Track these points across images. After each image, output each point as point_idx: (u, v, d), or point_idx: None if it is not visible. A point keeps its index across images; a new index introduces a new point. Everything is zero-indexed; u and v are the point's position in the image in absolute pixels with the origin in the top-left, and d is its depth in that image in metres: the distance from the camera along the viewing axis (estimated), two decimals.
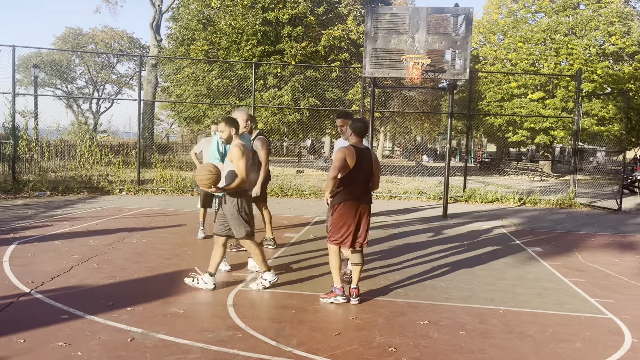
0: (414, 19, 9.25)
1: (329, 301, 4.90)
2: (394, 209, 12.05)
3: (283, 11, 19.01)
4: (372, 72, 9.61)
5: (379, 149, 50.77)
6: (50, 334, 3.93)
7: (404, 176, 20.97)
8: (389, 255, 7.12)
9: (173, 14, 24.73)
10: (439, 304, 4.99)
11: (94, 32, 39.71)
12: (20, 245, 6.89)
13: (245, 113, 5.77)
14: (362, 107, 14.72)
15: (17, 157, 13.40)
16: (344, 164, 4.77)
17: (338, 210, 4.89)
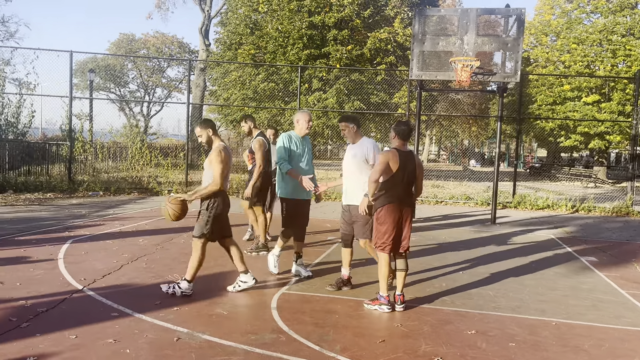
0: (463, 20, 9.06)
1: (372, 308, 4.83)
2: (440, 214, 11.84)
3: (329, 14, 19.04)
4: (419, 74, 9.47)
5: (424, 153, 50.14)
6: (100, 330, 4.04)
7: (451, 181, 20.59)
8: (435, 262, 6.98)
9: (221, 19, 25.20)
10: (486, 314, 4.84)
11: (146, 38, 40.98)
12: (74, 244, 7.14)
13: (307, 114, 5.81)
14: (407, 111, 14.55)
15: (72, 158, 13.94)
16: (387, 167, 4.71)
17: (381, 214, 4.83)
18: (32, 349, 3.65)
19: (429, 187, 17.59)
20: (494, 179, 10.77)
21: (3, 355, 3.52)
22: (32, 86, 14.50)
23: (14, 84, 15.84)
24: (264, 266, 6.09)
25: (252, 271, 5.30)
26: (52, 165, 14.60)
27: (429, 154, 53.87)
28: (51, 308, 4.50)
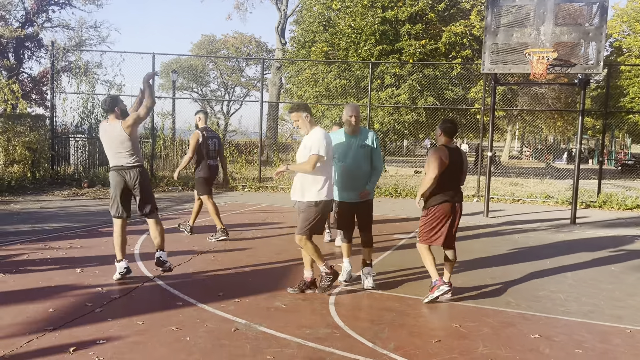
0: (540, 9, 8.61)
1: (434, 296, 4.79)
2: (516, 212, 11.36)
3: (402, 9, 18.78)
4: (491, 68, 9.13)
5: (505, 149, 48.24)
6: (165, 318, 4.26)
7: (531, 178, 19.67)
8: (503, 261, 6.72)
9: (297, 17, 25.57)
10: (554, 317, 4.61)
11: (226, 38, 42.39)
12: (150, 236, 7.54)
13: (348, 108, 5.28)
14: (483, 106, 14.07)
15: (154, 155, 14.72)
16: (442, 163, 4.71)
17: (434, 212, 4.90)
18: (102, 332, 3.91)
19: (507, 185, 16.93)
20: (575, 175, 10.18)
21: (76, 337, 3.81)
22: (119, 87, 15.46)
23: (104, 85, 16.92)
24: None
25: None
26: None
27: (510, 151, 51.76)
28: (123, 295, 4.80)
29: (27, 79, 20.93)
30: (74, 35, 23.38)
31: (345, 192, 5.27)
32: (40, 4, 21.23)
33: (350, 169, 5.20)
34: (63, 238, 7.19)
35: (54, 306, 4.43)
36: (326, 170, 4.93)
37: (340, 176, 5.26)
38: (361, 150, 5.18)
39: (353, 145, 5.19)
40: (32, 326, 3.98)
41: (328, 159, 4.91)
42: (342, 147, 5.20)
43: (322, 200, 4.88)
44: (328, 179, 4.94)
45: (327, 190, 4.91)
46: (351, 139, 5.22)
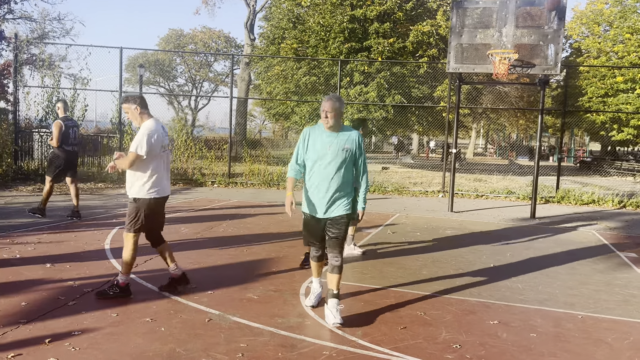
0: (502, 12, 8.96)
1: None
2: (479, 207, 11.75)
3: (371, 8, 19.04)
4: (456, 67, 9.44)
5: (470, 146, 49.30)
6: (139, 310, 4.34)
7: (494, 175, 20.26)
8: (467, 254, 7.01)
9: (266, 13, 25.58)
10: (512, 305, 4.88)
11: (194, 33, 41.98)
12: (121, 230, 7.56)
13: (326, 101, 4.28)
14: (449, 104, 14.44)
15: (122, 149, 14.57)
16: None
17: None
18: (77, 324, 3.98)
19: (471, 180, 17.41)
20: (535, 172, 10.60)
21: (51, 329, 3.87)
22: (85, 81, 15.23)
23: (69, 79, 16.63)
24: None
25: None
26: (104, 157, 15.31)
27: (475, 148, 52.91)
28: (96, 289, 4.85)
29: None
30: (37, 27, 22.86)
31: (316, 205, 4.32)
32: None
33: (327, 176, 4.25)
34: (31, 233, 7.14)
35: (26, 300, 4.46)
36: (151, 167, 4.63)
37: (313, 183, 4.34)
38: (342, 153, 4.23)
39: (333, 146, 4.24)
40: (5, 319, 4.01)
41: (153, 154, 4.61)
42: (319, 146, 4.27)
43: (142, 197, 4.64)
44: (154, 175, 4.64)
45: (151, 187, 4.64)
46: (331, 137, 4.26)
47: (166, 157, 4.84)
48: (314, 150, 4.31)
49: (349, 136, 4.30)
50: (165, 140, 4.78)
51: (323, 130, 4.32)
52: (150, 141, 4.56)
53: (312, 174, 4.34)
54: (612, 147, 34.27)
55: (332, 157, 4.24)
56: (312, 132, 4.39)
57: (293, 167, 4.48)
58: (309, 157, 4.35)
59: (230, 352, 3.61)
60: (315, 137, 4.33)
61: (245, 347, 3.70)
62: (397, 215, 10.21)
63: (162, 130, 4.77)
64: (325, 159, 4.26)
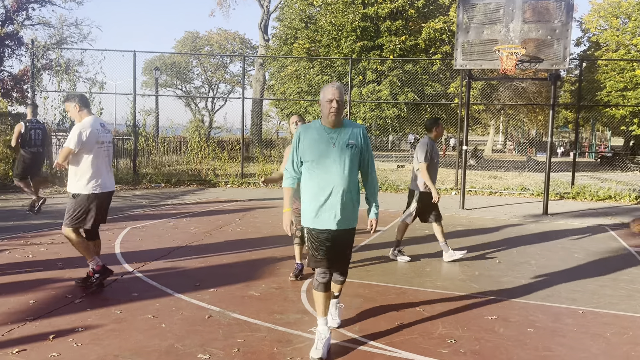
0: (509, 7, 8.90)
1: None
2: (492, 204, 11.68)
3: (383, 5, 19.02)
4: (463, 64, 9.40)
5: (488, 143, 48.81)
6: (142, 307, 4.45)
7: (511, 172, 20.07)
8: (473, 250, 7.00)
9: (279, 14, 25.71)
10: (513, 301, 4.88)
11: (210, 35, 42.35)
12: (132, 230, 7.72)
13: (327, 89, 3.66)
14: (460, 101, 14.37)
15: (137, 152, 14.81)
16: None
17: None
18: (81, 321, 4.10)
19: (486, 178, 17.28)
20: (546, 168, 10.51)
21: (56, 326, 3.99)
22: (101, 85, 15.50)
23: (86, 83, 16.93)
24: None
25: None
26: (120, 159, 15.58)
27: (494, 145, 52.37)
28: (102, 287, 4.98)
29: (8, 77, 20.84)
30: (55, 33, 23.33)
31: (321, 216, 3.62)
32: (20, 2, 21.12)
33: (331, 179, 3.58)
34: (44, 234, 7.33)
35: (34, 298, 4.60)
36: (88, 163, 4.82)
37: (312, 190, 3.64)
38: (347, 151, 3.59)
39: (335, 143, 3.60)
40: (13, 316, 4.15)
41: (86, 150, 4.80)
42: (317, 145, 3.61)
43: (81, 193, 4.84)
44: (92, 171, 4.83)
45: (88, 183, 4.83)
46: (331, 134, 3.62)
47: (106, 153, 5.00)
48: (312, 149, 3.60)
49: (352, 130, 3.66)
50: (102, 136, 4.94)
51: (320, 126, 3.64)
52: (80, 136, 4.75)
53: (312, 178, 3.63)
54: (637, 142, 33.65)
55: (335, 155, 3.56)
56: (307, 131, 3.67)
57: (289, 174, 3.76)
58: (306, 158, 3.63)
59: (226, 347, 3.69)
60: (312, 136, 3.62)
61: (242, 342, 3.78)
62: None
63: (100, 127, 4.95)
64: (326, 159, 3.56)
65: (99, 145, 4.90)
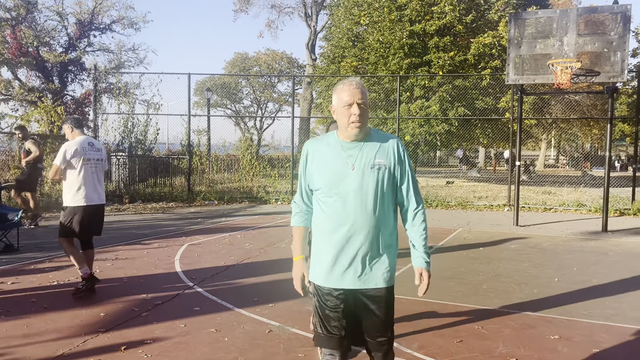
0: (562, 21, 8.77)
1: None
2: (547, 221, 11.38)
3: (430, 22, 19.02)
4: (515, 79, 9.30)
5: (540, 157, 47.51)
6: (205, 321, 4.62)
7: (565, 187, 19.49)
8: (531, 269, 6.86)
9: (326, 34, 26.09)
10: (575, 320, 4.76)
11: (258, 55, 43.37)
12: (190, 247, 7.98)
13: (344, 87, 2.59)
14: (512, 115, 14.14)
15: (191, 170, 15.30)
16: None
17: None
18: (149, 334, 4.29)
19: (539, 193, 16.86)
20: (605, 183, 10.18)
21: (126, 337, 4.20)
22: (157, 106, 16.17)
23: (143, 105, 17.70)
24: None
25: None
26: (175, 177, 16.12)
27: (546, 159, 50.91)
28: (167, 301, 5.19)
29: (71, 101, 22.00)
30: (114, 58, 24.51)
31: (335, 269, 2.56)
32: (82, 30, 22.35)
33: (349, 216, 2.53)
34: (109, 250, 7.68)
35: (105, 311, 4.85)
36: (76, 178, 5.33)
37: (324, 231, 2.61)
38: (372, 174, 2.54)
39: (355, 164, 2.55)
40: (87, 328, 4.40)
41: (73, 166, 5.31)
42: (329, 167, 2.58)
43: (70, 205, 5.34)
44: (80, 185, 5.33)
45: (76, 196, 5.33)
46: (350, 150, 2.57)
47: (94, 169, 5.46)
48: (322, 172, 2.58)
49: (381, 145, 2.58)
50: (89, 154, 5.42)
51: (336, 141, 2.61)
52: (65, 154, 5.29)
53: (323, 214, 2.59)
54: None
55: (355, 181, 2.51)
56: (317, 148, 2.65)
57: (298, 207, 2.77)
58: (315, 185, 2.63)
59: None
60: (324, 154, 2.60)
61: (303, 357, 3.86)
62: (459, 230, 10.09)
63: (87, 146, 5.45)
64: (342, 186, 2.52)
65: (85, 162, 5.38)
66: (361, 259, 2.54)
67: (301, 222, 2.77)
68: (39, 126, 15.58)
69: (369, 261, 2.55)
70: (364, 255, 2.54)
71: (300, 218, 2.77)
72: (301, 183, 2.73)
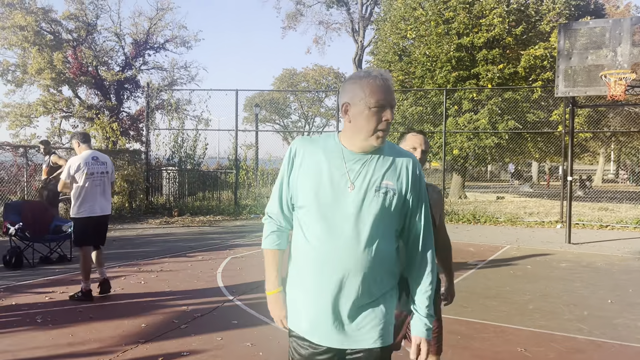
0: (615, 31, 8.43)
1: None
2: (602, 239, 10.86)
3: (478, 35, 18.71)
4: (565, 91, 8.99)
5: (598, 172, 45.61)
6: (241, 335, 4.64)
7: (624, 203, 18.58)
8: (580, 288, 6.55)
9: (372, 48, 26.13)
10: (628, 345, 4.50)
11: (306, 71, 43.92)
12: (233, 260, 8.09)
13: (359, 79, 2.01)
14: (564, 129, 13.66)
15: (238, 184, 15.56)
16: None
17: None
18: (186, 346, 4.36)
19: (595, 210, 16.14)
20: None
21: (164, 349, 4.28)
22: (207, 122, 16.61)
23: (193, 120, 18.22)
24: None
25: None
26: (222, 191, 16.44)
27: (604, 174, 48.82)
28: (206, 314, 5.26)
29: (126, 117, 22.91)
30: (167, 75, 25.38)
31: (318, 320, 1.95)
32: (138, 49, 23.31)
33: (337, 252, 1.90)
34: (155, 262, 7.89)
35: (146, 322, 4.97)
36: (81, 190, 5.61)
37: (305, 266, 1.98)
38: (376, 199, 1.92)
39: (355, 181, 1.93)
40: (128, 338, 4.51)
41: (77, 180, 5.59)
42: (320, 179, 1.95)
43: (75, 217, 5.65)
44: (85, 198, 5.61)
45: (81, 208, 5.62)
46: (353, 163, 1.96)
47: (98, 182, 5.72)
48: (313, 186, 1.93)
49: (394, 163, 1.96)
50: (93, 168, 5.68)
51: (337, 145, 1.97)
52: (69, 169, 5.60)
53: (306, 241, 1.95)
54: None
55: (356, 205, 1.89)
56: (309, 150, 1.98)
57: (275, 224, 2.08)
58: (300, 201, 1.97)
59: None
60: (318, 161, 1.95)
61: None
62: (507, 247, 9.78)
63: (92, 160, 5.71)
64: (337, 210, 1.89)
65: (89, 176, 5.65)
66: (350, 311, 1.90)
67: (276, 244, 2.08)
68: (95, 142, 16.27)
69: (361, 313, 1.91)
70: (356, 305, 1.90)
71: (275, 239, 2.08)
72: (281, 191, 2.04)
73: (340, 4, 35.44)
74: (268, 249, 2.10)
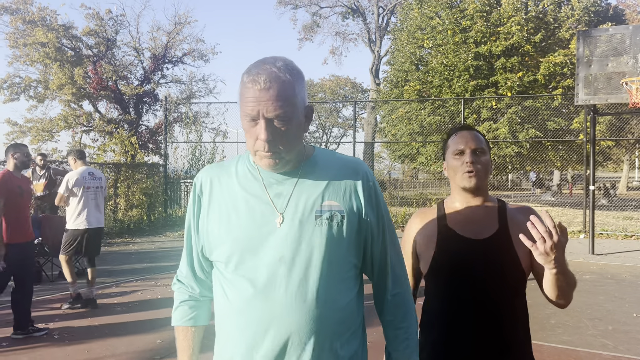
0: (636, 37, 8.26)
1: None
2: (627, 249, 10.59)
3: (496, 43, 18.57)
4: (586, 99, 8.82)
5: (622, 180, 44.77)
6: None
7: None
8: (604, 302, 6.36)
9: (389, 58, 26.11)
10: None
11: (323, 82, 44.07)
12: None
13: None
14: (585, 137, 13.42)
15: None
16: None
17: None
18: None
19: (619, 219, 15.79)
20: None
21: None
22: (224, 134, 16.72)
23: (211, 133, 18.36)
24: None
25: None
26: None
27: (629, 182, 47.91)
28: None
29: (145, 130, 23.17)
30: (185, 88, 25.66)
31: None
32: (157, 63, 23.61)
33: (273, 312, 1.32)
34: (172, 276, 7.88)
35: (161, 337, 4.95)
36: (76, 204, 5.95)
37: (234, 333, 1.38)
38: (318, 230, 1.34)
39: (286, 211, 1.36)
40: (142, 354, 4.49)
41: (73, 194, 5.94)
42: (240, 221, 1.37)
43: (70, 228, 5.99)
44: (80, 211, 5.96)
45: (76, 220, 5.97)
46: (278, 185, 1.39)
47: (93, 195, 6.06)
48: (229, 230, 1.38)
49: (335, 176, 1.41)
50: (88, 183, 6.03)
51: (250, 168, 1.43)
52: (67, 184, 5.93)
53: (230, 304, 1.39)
54: None
55: (290, 244, 1.33)
56: (218, 178, 1.45)
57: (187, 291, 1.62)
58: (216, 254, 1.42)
59: None
60: (233, 190, 1.41)
61: None
62: None
63: (87, 175, 6.06)
64: (265, 256, 1.34)
65: (85, 190, 5.99)
66: None
67: (188, 318, 1.57)
68: (114, 155, 16.48)
69: None
70: None
71: (187, 311, 1.58)
72: (190, 244, 1.53)
73: (357, 14, 35.55)
74: (177, 325, 1.56)
